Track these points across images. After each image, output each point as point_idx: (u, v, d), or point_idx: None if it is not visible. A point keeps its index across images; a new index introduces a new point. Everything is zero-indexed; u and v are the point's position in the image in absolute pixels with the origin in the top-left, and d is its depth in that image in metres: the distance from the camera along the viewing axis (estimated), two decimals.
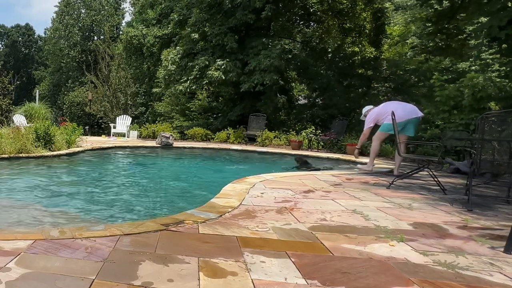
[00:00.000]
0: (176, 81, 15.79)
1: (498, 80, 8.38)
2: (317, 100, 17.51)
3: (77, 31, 36.89)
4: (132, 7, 31.47)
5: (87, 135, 16.05)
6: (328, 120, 15.23)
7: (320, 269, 2.26)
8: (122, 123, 16.50)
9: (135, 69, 23.92)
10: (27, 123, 13.95)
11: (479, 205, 4.16)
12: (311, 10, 16.87)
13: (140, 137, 15.43)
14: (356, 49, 16.92)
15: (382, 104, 6.92)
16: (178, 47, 16.06)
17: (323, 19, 16.94)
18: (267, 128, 13.98)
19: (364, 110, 7.04)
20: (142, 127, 16.69)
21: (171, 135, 12.26)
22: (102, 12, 37.35)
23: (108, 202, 4.87)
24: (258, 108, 15.06)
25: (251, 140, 13.72)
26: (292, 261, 2.36)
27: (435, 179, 5.06)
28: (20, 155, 8.00)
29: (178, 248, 2.53)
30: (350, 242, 2.76)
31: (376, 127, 6.85)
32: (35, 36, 54.98)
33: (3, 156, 7.77)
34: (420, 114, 6.40)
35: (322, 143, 11.91)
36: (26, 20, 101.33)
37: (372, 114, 6.79)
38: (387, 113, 6.53)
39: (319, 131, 12.72)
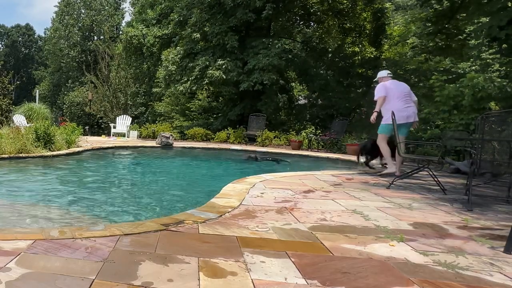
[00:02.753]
0: (176, 81, 15.80)
1: (498, 80, 8.38)
2: (317, 100, 17.52)
3: (77, 31, 36.93)
4: (132, 7, 31.50)
5: (87, 135, 16.06)
6: (328, 120, 15.24)
7: (320, 269, 2.26)
8: (122, 123, 16.51)
9: (135, 69, 23.92)
10: (27, 123, 13.96)
11: (479, 205, 4.16)
12: (311, 10, 16.88)
13: (140, 137, 15.44)
14: (356, 49, 16.93)
15: (393, 84, 6.45)
16: (178, 47, 16.08)
17: (323, 19, 16.94)
18: (267, 128, 13.99)
19: (379, 75, 6.68)
20: (142, 127, 16.70)
21: (171, 135, 12.26)
22: (102, 12, 37.37)
23: (108, 202, 4.87)
24: (258, 108, 15.07)
25: (251, 140, 13.73)
26: (292, 261, 2.36)
27: (435, 179, 5.06)
28: (20, 155, 8.00)
29: (178, 248, 2.53)
30: (350, 242, 2.76)
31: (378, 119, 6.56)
32: (35, 36, 55.01)
33: (3, 156, 7.77)
34: (416, 119, 6.34)
35: (322, 143, 11.91)
36: (28, 20, 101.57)
37: (382, 88, 6.41)
38: (388, 107, 6.23)
39: (319, 131, 12.74)
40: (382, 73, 6.71)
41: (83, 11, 37.95)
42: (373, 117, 6.63)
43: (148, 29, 21.34)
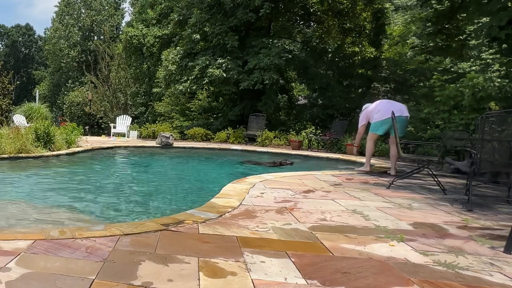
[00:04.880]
0: (176, 81, 15.80)
1: (498, 80, 8.38)
2: (317, 100, 17.52)
3: (77, 31, 36.92)
4: (131, 7, 31.49)
5: (87, 135, 16.06)
6: (328, 120, 15.23)
7: (320, 269, 2.26)
8: (122, 123, 16.51)
9: (135, 69, 23.93)
10: (27, 123, 13.96)
11: (479, 205, 4.16)
12: (311, 10, 16.86)
13: (140, 137, 15.43)
14: (356, 49, 16.91)
15: (374, 103, 7.04)
16: (178, 47, 16.07)
17: (323, 19, 16.93)
18: (267, 128, 13.98)
19: (364, 107, 7.16)
20: (142, 127, 16.70)
21: (171, 135, 12.26)
22: (102, 12, 37.36)
23: (108, 202, 4.87)
24: (258, 108, 15.07)
25: (251, 140, 13.72)
26: (292, 261, 2.36)
27: (435, 179, 5.06)
28: (20, 155, 7.99)
29: (178, 248, 2.53)
30: (350, 242, 2.76)
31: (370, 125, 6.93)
32: (35, 36, 55.01)
33: (3, 156, 7.77)
34: (406, 114, 6.41)
35: (322, 143, 11.91)
36: (28, 20, 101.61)
37: (364, 112, 6.95)
38: (376, 111, 6.64)
39: (319, 131, 12.72)
40: (366, 105, 7.16)
41: (83, 11, 37.94)
42: (355, 151, 8.11)
43: (148, 29, 21.35)
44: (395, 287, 2.06)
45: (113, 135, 15.82)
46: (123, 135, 15.87)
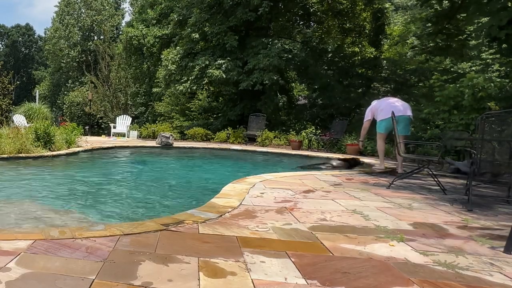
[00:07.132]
0: (176, 81, 15.81)
1: (498, 80, 8.38)
2: (317, 100, 17.52)
3: (77, 31, 36.92)
4: (131, 7, 31.50)
5: (87, 135, 16.05)
6: (328, 120, 15.23)
7: (320, 269, 2.26)
8: (122, 123, 16.51)
9: (135, 69, 23.92)
10: (27, 123, 13.96)
11: (479, 205, 4.16)
12: (311, 10, 16.86)
13: (140, 137, 15.44)
14: (356, 49, 16.91)
15: (380, 100, 7.24)
16: (178, 47, 16.08)
17: (323, 19, 16.93)
18: (267, 128, 13.99)
19: (372, 103, 7.31)
20: (142, 127, 16.70)
21: (171, 135, 12.26)
22: (103, 12, 37.36)
23: (107, 202, 4.87)
24: (258, 108, 15.07)
25: (251, 140, 13.72)
26: (292, 261, 2.36)
27: (435, 179, 5.06)
28: (20, 155, 7.99)
29: (178, 248, 2.53)
30: (350, 242, 2.76)
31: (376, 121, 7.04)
32: (35, 36, 55.02)
33: (3, 156, 7.77)
34: (409, 113, 6.47)
35: (322, 143, 11.91)
36: (28, 20, 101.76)
37: (369, 107, 7.12)
38: (380, 109, 6.77)
39: (319, 131, 12.72)
40: (374, 101, 7.31)
41: (83, 11, 37.94)
42: (360, 145, 7.87)
43: (148, 29, 21.35)
44: (395, 287, 2.06)
45: (113, 135, 15.82)
46: (123, 135, 15.88)
